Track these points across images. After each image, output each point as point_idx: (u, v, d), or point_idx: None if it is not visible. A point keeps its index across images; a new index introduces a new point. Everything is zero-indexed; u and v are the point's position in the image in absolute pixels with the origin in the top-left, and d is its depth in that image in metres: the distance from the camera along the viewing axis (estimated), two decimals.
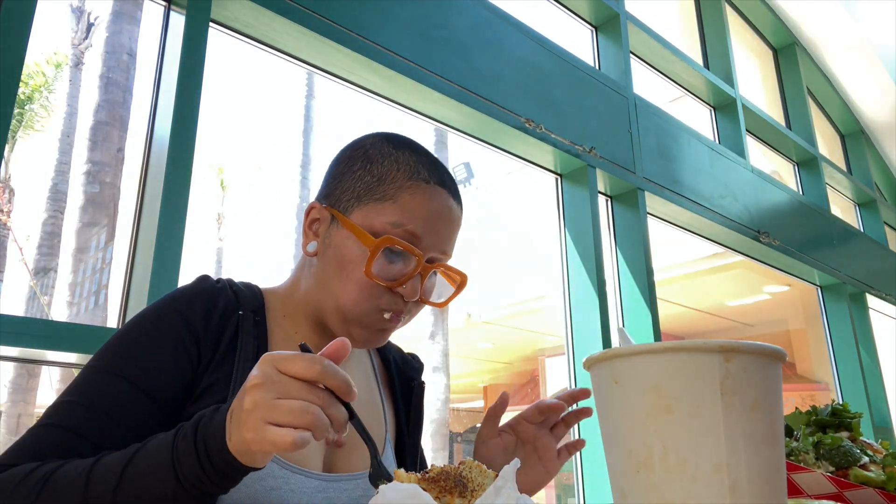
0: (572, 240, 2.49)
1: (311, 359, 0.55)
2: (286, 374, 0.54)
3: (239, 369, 0.73)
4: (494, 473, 0.61)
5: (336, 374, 0.55)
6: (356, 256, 0.76)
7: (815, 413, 0.91)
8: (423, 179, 0.79)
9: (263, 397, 0.53)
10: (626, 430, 0.50)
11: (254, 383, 0.54)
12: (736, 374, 0.47)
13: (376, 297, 0.77)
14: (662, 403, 0.48)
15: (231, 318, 0.76)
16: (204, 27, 1.55)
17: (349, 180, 0.80)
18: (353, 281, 0.76)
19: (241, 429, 0.54)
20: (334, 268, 0.78)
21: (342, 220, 0.78)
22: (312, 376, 0.54)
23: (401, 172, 0.79)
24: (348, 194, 0.79)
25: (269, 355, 0.56)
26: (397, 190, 0.78)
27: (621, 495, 0.51)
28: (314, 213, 0.82)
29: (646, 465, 0.48)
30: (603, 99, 2.70)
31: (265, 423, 0.53)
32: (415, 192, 0.78)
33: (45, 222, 8.19)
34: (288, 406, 0.53)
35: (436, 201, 0.79)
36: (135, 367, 0.69)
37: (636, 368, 0.50)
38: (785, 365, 0.52)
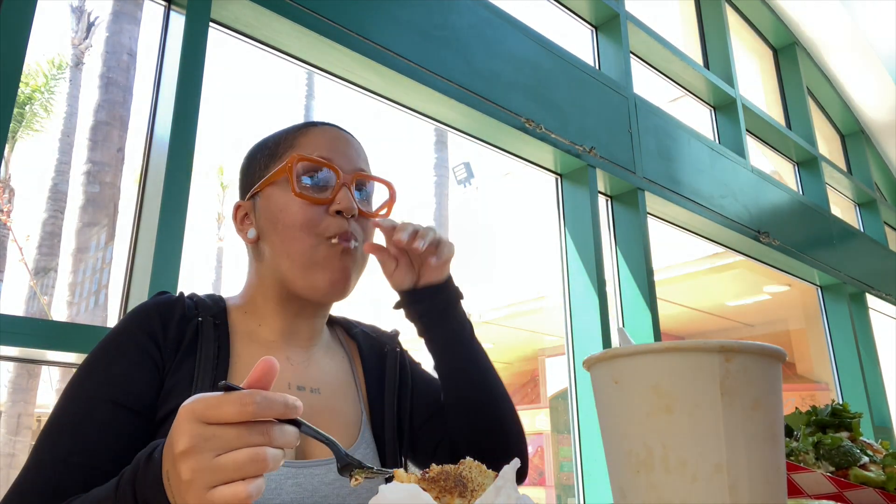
0: (572, 240, 2.49)
1: (240, 399, 0.48)
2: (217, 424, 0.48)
3: (200, 370, 0.75)
4: (494, 473, 0.61)
5: (272, 404, 0.49)
6: (283, 198, 0.81)
7: (815, 413, 0.91)
8: (311, 125, 0.87)
9: (200, 462, 0.47)
10: (626, 430, 0.50)
11: (182, 449, 0.48)
12: (736, 374, 0.47)
13: (317, 224, 0.80)
14: (662, 403, 0.48)
15: (189, 323, 0.78)
16: (204, 27, 1.55)
17: (254, 166, 0.87)
18: (290, 219, 0.80)
19: (184, 497, 0.49)
20: (273, 227, 0.81)
21: (259, 187, 0.84)
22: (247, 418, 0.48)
23: (290, 131, 0.87)
24: (257, 172, 0.86)
25: (188, 408, 0.49)
26: (293, 139, 0.85)
27: (621, 495, 0.51)
28: (240, 210, 0.87)
29: (646, 465, 0.48)
30: (603, 99, 2.70)
31: (210, 489, 0.48)
32: (308, 133, 0.85)
33: (45, 222, 8.20)
34: (233, 461, 0.48)
35: (331, 132, 0.86)
36: (109, 385, 0.71)
37: (636, 368, 0.50)
38: (785, 365, 0.52)
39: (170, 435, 0.50)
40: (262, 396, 0.49)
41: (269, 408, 0.49)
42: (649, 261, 2.62)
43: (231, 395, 0.49)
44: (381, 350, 0.95)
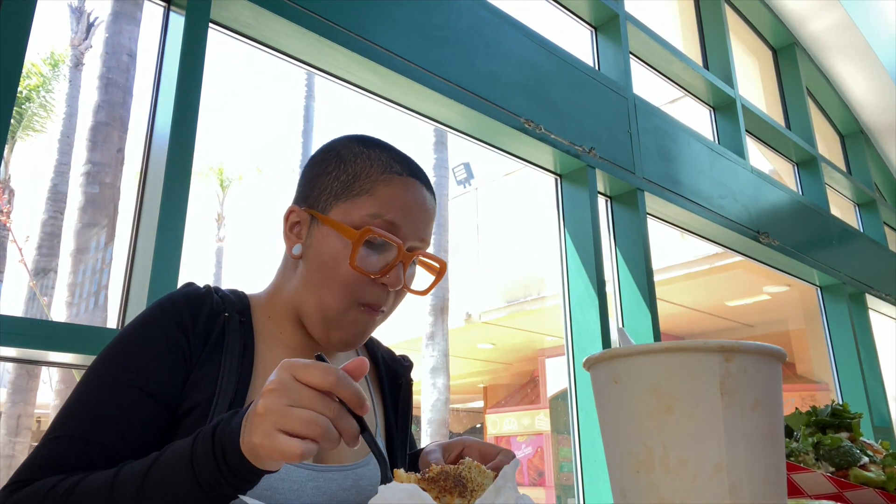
0: (572, 240, 2.49)
1: (327, 369, 0.56)
2: (301, 382, 0.55)
3: (225, 366, 0.75)
4: (494, 473, 0.61)
5: (350, 387, 0.56)
6: (338, 252, 0.78)
7: (815, 413, 0.91)
8: (396, 172, 0.82)
9: (276, 403, 0.54)
10: (626, 430, 0.50)
11: (269, 388, 0.56)
12: (736, 374, 0.47)
13: (359, 291, 0.79)
14: (662, 403, 0.48)
15: (217, 319, 0.78)
16: (204, 28, 1.55)
17: (325, 181, 0.83)
18: (337, 276, 0.78)
19: (252, 433, 0.55)
20: (317, 267, 0.80)
21: (322, 218, 0.80)
22: (326, 386, 0.55)
23: (374, 168, 0.82)
24: (325, 194, 0.82)
25: (288, 362, 0.57)
26: (372, 184, 0.81)
27: (621, 495, 0.51)
28: (293, 216, 0.84)
29: (646, 465, 0.48)
30: (602, 99, 2.70)
31: (275, 430, 0.54)
32: (389, 184, 0.81)
33: (45, 223, 8.19)
34: (298, 415, 0.54)
35: (410, 191, 0.82)
36: (133, 370, 0.71)
37: (636, 368, 0.50)
38: (785, 365, 0.52)
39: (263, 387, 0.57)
40: (344, 375, 0.56)
41: (347, 387, 0.56)
42: (649, 261, 2.62)
43: (321, 363, 0.57)
44: (396, 379, 0.96)
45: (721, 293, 7.11)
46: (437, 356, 8.50)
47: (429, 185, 0.86)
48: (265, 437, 0.54)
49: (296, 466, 0.75)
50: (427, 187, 0.85)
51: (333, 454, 0.81)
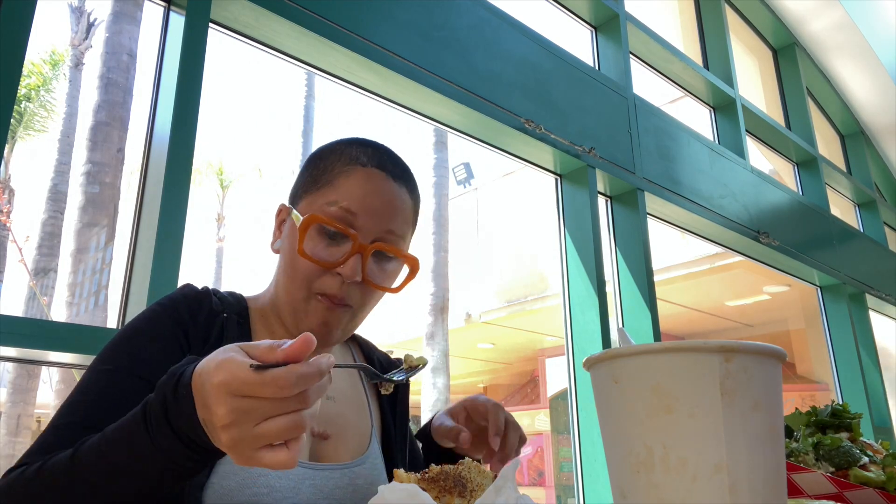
0: (572, 240, 2.49)
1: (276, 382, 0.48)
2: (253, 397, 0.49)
3: None
4: (493, 474, 0.61)
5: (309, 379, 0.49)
6: (292, 242, 0.79)
7: (815, 414, 0.91)
8: (360, 164, 0.81)
9: (241, 433, 0.49)
10: (626, 430, 0.50)
11: (223, 423, 0.49)
12: (736, 374, 0.47)
13: (314, 279, 0.78)
14: (662, 403, 0.48)
15: (215, 319, 0.79)
16: (204, 28, 1.55)
17: (301, 176, 0.86)
18: (293, 265, 0.79)
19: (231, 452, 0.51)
20: (283, 258, 0.82)
21: (292, 212, 0.82)
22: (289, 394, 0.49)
23: (340, 161, 0.82)
24: (299, 189, 0.85)
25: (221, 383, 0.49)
26: (335, 175, 0.81)
27: (621, 495, 0.51)
28: (281, 213, 0.87)
29: (646, 465, 0.48)
30: (602, 99, 2.70)
31: (255, 451, 0.50)
32: (350, 174, 0.80)
33: (45, 223, 8.20)
34: (274, 429, 0.49)
35: (372, 181, 0.80)
36: (138, 361, 0.72)
37: (636, 368, 0.50)
38: (785, 365, 0.52)
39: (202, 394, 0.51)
40: (299, 376, 0.49)
41: (307, 385, 0.49)
42: (649, 261, 2.62)
43: (267, 376, 0.48)
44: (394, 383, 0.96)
45: (721, 293, 7.11)
46: (437, 356, 8.49)
47: (400, 179, 0.83)
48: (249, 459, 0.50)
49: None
50: (396, 179, 0.82)
51: (330, 452, 0.81)
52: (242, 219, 17.83)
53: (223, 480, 0.70)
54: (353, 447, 0.84)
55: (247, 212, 18.47)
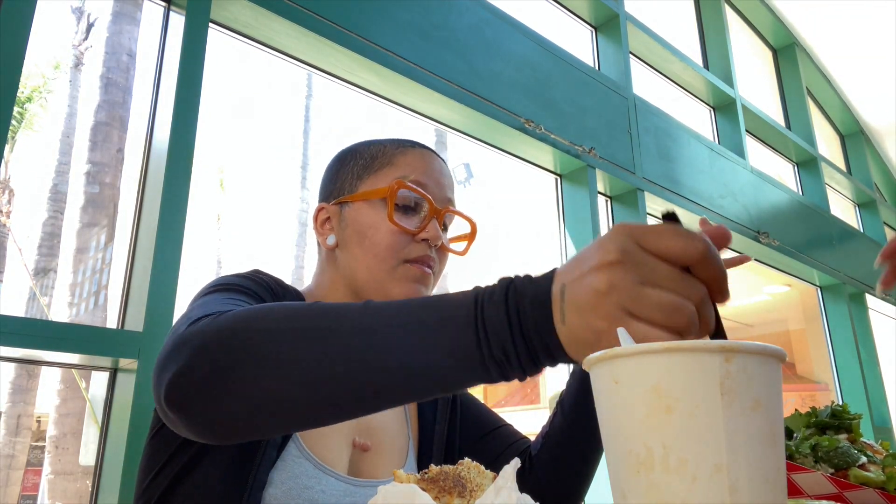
0: (572, 240, 2.49)
1: (692, 236, 0.41)
2: (653, 254, 0.42)
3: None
4: (493, 474, 0.61)
5: (719, 262, 0.42)
6: (375, 218, 0.82)
7: (815, 415, 0.91)
8: (409, 146, 0.88)
9: (624, 280, 0.41)
10: (626, 430, 0.50)
11: (610, 259, 0.41)
12: (736, 374, 0.47)
13: (402, 248, 0.81)
14: (662, 403, 0.48)
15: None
16: (203, 27, 1.55)
17: (345, 171, 0.88)
18: (379, 240, 0.81)
19: (589, 314, 0.42)
20: (357, 241, 0.83)
21: (351, 199, 0.85)
22: (691, 260, 0.41)
23: (388, 146, 0.88)
24: (349, 180, 0.87)
25: (626, 226, 0.43)
26: (391, 157, 0.86)
27: (621, 495, 0.51)
28: (322, 213, 0.88)
29: (646, 465, 0.48)
30: (602, 99, 2.70)
31: (624, 313, 0.41)
32: (406, 153, 0.86)
33: (45, 223, 8.20)
34: (658, 299, 0.41)
35: (427, 158, 0.87)
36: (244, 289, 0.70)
37: (636, 368, 0.50)
38: (785, 365, 0.52)
39: (585, 252, 0.44)
40: (712, 245, 0.42)
41: (717, 262, 0.42)
42: None
43: (679, 228, 0.42)
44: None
45: None
46: None
47: (444, 160, 0.91)
48: (612, 321, 0.41)
49: (335, 479, 0.74)
50: (443, 159, 0.90)
51: (370, 467, 0.80)
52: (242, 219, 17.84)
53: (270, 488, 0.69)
54: (392, 461, 0.83)
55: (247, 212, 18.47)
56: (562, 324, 0.43)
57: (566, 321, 0.43)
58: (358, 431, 0.81)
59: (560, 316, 0.43)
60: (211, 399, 0.48)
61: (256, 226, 17.47)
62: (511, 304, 0.44)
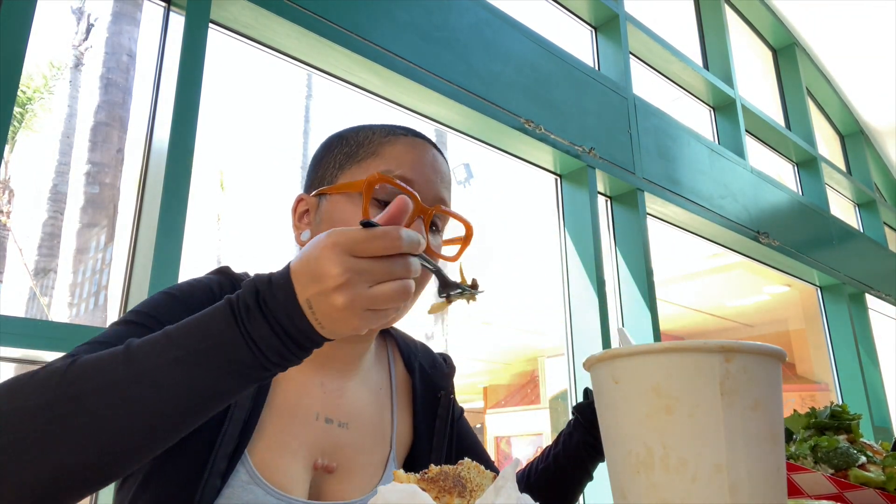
0: (572, 240, 2.49)
1: (389, 234, 0.51)
2: (367, 258, 0.51)
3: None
4: (493, 474, 0.61)
5: (414, 239, 0.52)
6: (350, 213, 0.74)
7: (814, 416, 0.91)
8: (400, 133, 0.79)
9: (357, 293, 0.50)
10: (626, 430, 0.50)
11: (340, 283, 0.50)
12: (736, 374, 0.47)
13: None
14: (662, 403, 0.48)
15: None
16: (203, 28, 1.55)
17: (328, 159, 0.80)
18: None
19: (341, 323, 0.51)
20: None
21: (329, 191, 0.77)
22: (394, 252, 0.51)
23: (377, 134, 0.79)
24: (331, 169, 0.79)
25: (333, 241, 0.51)
26: (377, 146, 0.77)
27: (621, 495, 0.51)
28: (301, 205, 0.81)
29: (646, 465, 0.48)
30: (602, 99, 2.70)
31: (368, 312, 0.51)
32: (395, 143, 0.78)
33: (45, 223, 8.19)
34: (385, 292, 0.51)
35: (418, 148, 0.78)
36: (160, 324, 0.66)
37: (636, 368, 0.50)
38: (785, 365, 0.52)
39: (311, 266, 0.51)
40: (407, 233, 0.52)
41: (413, 243, 0.52)
42: (649, 261, 2.62)
43: (378, 231, 0.51)
44: (434, 392, 0.89)
45: (721, 293, 7.11)
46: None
47: (439, 150, 0.82)
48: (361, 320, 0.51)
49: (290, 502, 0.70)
50: (437, 150, 0.81)
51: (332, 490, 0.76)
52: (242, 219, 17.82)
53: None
54: (362, 481, 0.78)
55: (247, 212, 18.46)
56: (320, 326, 0.51)
57: (323, 326, 0.51)
58: (321, 452, 0.75)
59: (316, 323, 0.51)
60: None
61: (256, 226, 17.45)
62: (271, 319, 0.51)
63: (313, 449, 0.75)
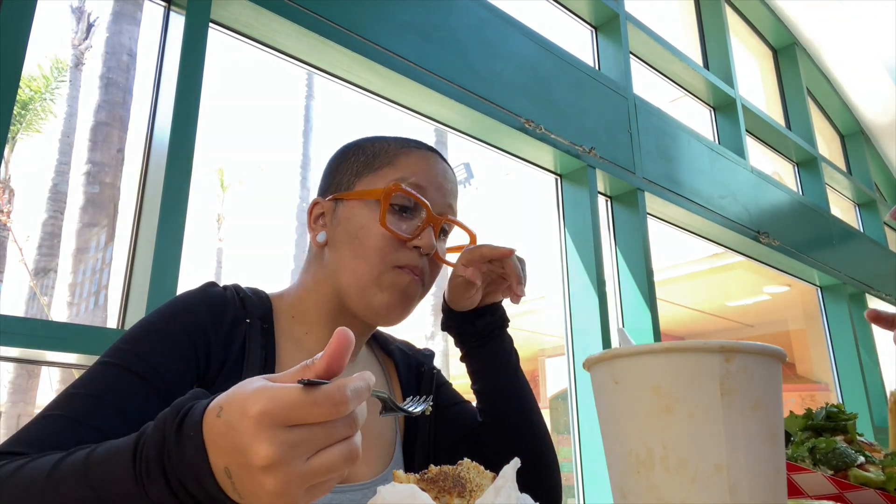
0: (572, 240, 2.49)
1: (331, 399, 0.42)
2: (300, 426, 0.42)
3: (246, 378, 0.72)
4: (493, 474, 0.61)
5: (362, 394, 0.44)
6: (367, 219, 0.79)
7: (811, 417, 0.91)
8: (414, 146, 0.85)
9: (291, 472, 0.42)
10: (626, 430, 0.50)
11: (268, 462, 0.41)
12: (736, 374, 0.47)
13: (392, 253, 0.78)
14: (662, 403, 0.48)
15: (239, 326, 0.75)
16: (204, 27, 1.55)
17: (345, 167, 0.85)
18: (368, 243, 0.78)
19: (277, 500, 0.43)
20: (347, 241, 0.80)
21: (347, 196, 0.82)
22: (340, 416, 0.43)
23: (392, 145, 0.85)
24: (347, 176, 0.84)
25: (264, 410, 0.42)
26: (393, 157, 0.83)
27: (621, 495, 0.51)
28: (317, 208, 0.85)
29: (646, 465, 0.48)
30: (603, 99, 2.70)
31: (309, 489, 0.44)
32: (409, 154, 0.84)
33: (45, 223, 8.20)
34: (328, 463, 0.43)
35: (431, 160, 0.85)
36: (143, 361, 0.68)
37: (636, 368, 0.50)
38: (785, 365, 0.52)
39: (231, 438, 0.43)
40: (352, 390, 0.43)
41: (360, 400, 0.44)
42: (649, 261, 2.62)
43: (319, 394, 0.42)
44: (417, 369, 0.94)
45: (721, 293, 7.11)
46: (436, 356, 8.48)
47: (448, 163, 0.88)
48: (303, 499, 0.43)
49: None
50: (447, 163, 0.87)
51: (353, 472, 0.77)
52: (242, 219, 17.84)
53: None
54: (376, 461, 0.81)
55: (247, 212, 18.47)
56: (240, 498, 0.44)
57: (244, 498, 0.43)
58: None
59: (235, 493, 0.44)
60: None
61: (256, 226, 17.46)
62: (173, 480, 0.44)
63: None
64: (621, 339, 0.71)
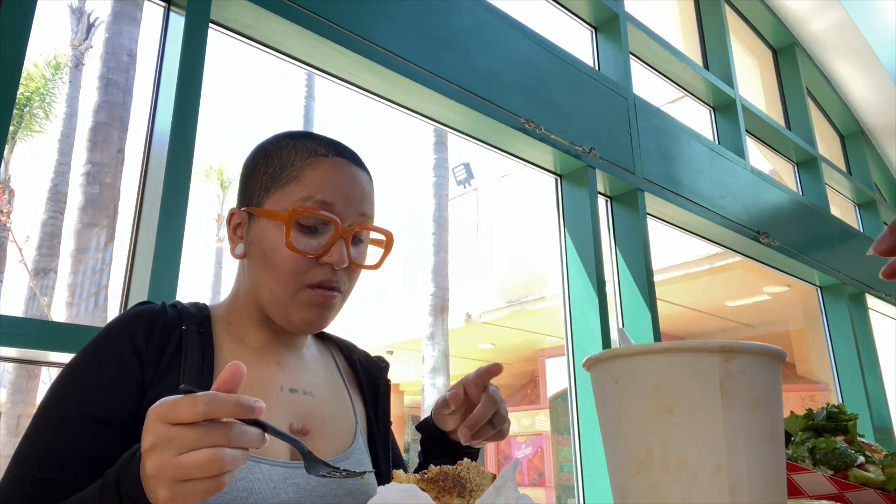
0: (572, 240, 2.49)
1: (192, 400, 0.51)
2: (178, 425, 0.51)
3: (184, 379, 0.74)
4: (492, 474, 0.61)
5: (225, 404, 0.52)
6: (276, 240, 0.79)
7: (811, 417, 0.91)
8: (320, 155, 0.83)
9: (162, 459, 0.51)
10: (626, 430, 0.50)
11: (147, 447, 0.52)
12: (736, 374, 0.47)
13: (304, 272, 0.79)
14: (662, 403, 0.48)
15: (173, 332, 0.77)
16: (204, 28, 1.55)
17: (255, 178, 0.84)
18: (279, 264, 0.79)
19: (156, 490, 0.52)
20: (260, 259, 0.81)
21: (257, 212, 0.82)
22: (198, 418, 0.51)
23: (298, 156, 0.83)
24: (257, 190, 0.83)
25: (154, 410, 0.53)
26: (299, 170, 0.81)
27: (621, 495, 0.51)
28: (234, 218, 0.85)
29: (646, 465, 0.48)
30: (602, 99, 2.70)
31: (177, 483, 0.51)
32: (315, 166, 0.82)
33: (45, 223, 8.20)
34: (192, 461, 0.51)
35: (338, 170, 0.83)
36: (82, 401, 0.70)
37: (636, 368, 0.50)
38: (785, 365, 0.52)
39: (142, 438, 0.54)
40: (212, 397, 0.51)
41: (220, 408, 0.51)
42: (649, 261, 2.62)
43: (185, 396, 0.52)
44: (374, 381, 0.97)
45: (721, 293, 7.11)
46: (436, 356, 8.49)
47: (360, 164, 0.86)
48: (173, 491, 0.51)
49: (271, 465, 0.74)
50: (358, 165, 0.85)
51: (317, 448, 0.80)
52: None
53: None
54: (337, 442, 0.83)
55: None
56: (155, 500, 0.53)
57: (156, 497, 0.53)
58: (294, 417, 0.81)
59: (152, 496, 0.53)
60: None
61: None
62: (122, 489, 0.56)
63: (286, 415, 0.80)
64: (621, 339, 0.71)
